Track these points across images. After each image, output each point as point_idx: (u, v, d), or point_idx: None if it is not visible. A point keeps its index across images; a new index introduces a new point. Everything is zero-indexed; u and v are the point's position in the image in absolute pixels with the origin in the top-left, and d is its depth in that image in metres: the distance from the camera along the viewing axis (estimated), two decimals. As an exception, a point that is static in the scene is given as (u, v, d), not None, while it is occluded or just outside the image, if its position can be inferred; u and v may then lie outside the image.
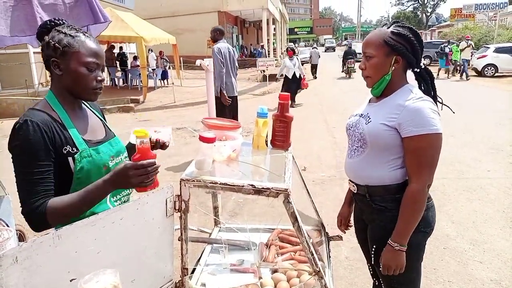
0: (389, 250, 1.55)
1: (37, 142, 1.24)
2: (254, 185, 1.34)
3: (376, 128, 1.56)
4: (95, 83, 1.39)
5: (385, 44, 1.54)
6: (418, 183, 1.50)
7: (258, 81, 17.41)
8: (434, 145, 1.48)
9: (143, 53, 12.83)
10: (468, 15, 32.29)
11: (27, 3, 2.42)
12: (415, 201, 1.51)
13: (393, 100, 1.58)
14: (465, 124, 7.91)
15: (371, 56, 1.57)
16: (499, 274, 2.95)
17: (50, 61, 1.36)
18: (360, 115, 1.69)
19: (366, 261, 1.92)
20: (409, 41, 1.56)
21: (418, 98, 1.52)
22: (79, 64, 1.35)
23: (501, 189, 4.62)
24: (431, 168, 1.51)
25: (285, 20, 43.85)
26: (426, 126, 1.46)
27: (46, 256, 0.99)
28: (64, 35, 1.35)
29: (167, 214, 1.35)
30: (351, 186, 1.76)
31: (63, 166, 1.31)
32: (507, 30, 25.86)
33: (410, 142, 1.49)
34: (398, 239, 1.53)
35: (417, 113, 1.48)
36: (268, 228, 2.20)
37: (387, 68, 1.57)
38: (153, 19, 18.69)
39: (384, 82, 1.60)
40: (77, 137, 1.35)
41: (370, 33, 1.64)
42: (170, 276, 1.44)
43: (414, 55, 1.58)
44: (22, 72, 12.31)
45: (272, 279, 1.68)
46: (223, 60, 5.56)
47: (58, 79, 1.39)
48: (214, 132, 1.60)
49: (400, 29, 1.57)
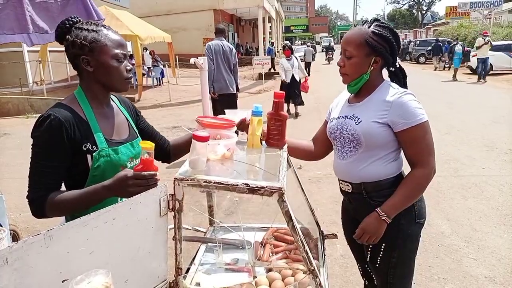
0: (375, 217, 1.58)
1: (53, 138, 1.29)
2: (248, 184, 1.33)
3: (369, 127, 1.58)
4: (126, 73, 1.43)
5: (366, 45, 1.57)
6: (425, 168, 1.56)
7: (254, 79, 17.41)
8: (426, 131, 1.55)
9: (138, 52, 12.77)
10: (463, 13, 32.37)
11: (17, 2, 2.40)
12: (420, 182, 1.57)
13: (377, 98, 1.62)
14: (459, 122, 7.95)
15: (352, 55, 1.59)
16: (493, 271, 2.97)
17: (79, 59, 1.37)
18: (344, 117, 1.71)
19: (356, 260, 1.95)
20: (389, 43, 1.59)
21: (402, 93, 1.58)
22: (109, 57, 1.37)
23: (495, 187, 4.65)
24: (431, 151, 1.57)
25: (281, 18, 43.82)
26: (416, 117, 1.53)
27: (38, 257, 0.97)
28: (88, 31, 1.36)
29: (161, 214, 1.34)
30: (344, 187, 1.77)
31: (81, 162, 1.35)
32: (502, 28, 26.03)
33: (406, 134, 1.55)
34: (388, 211, 1.57)
35: (405, 107, 1.54)
36: (263, 227, 2.19)
37: (366, 68, 1.60)
38: (148, 17, 18.60)
39: (362, 81, 1.62)
40: (98, 136, 1.38)
41: (350, 30, 1.65)
42: (164, 276, 1.43)
43: (392, 56, 1.61)
44: (16, 71, 12.24)
45: (266, 278, 1.68)
46: (212, 57, 5.63)
47: (90, 76, 1.41)
48: (209, 130, 1.59)
49: (381, 30, 1.58)
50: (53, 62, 13.05)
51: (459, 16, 33.34)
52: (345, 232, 1.96)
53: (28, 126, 1.32)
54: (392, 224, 1.61)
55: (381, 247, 1.66)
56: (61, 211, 1.34)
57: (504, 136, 6.85)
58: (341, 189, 1.82)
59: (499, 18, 31.50)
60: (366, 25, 1.61)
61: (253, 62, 15.93)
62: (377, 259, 1.68)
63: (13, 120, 10.37)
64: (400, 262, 1.67)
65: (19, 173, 5.57)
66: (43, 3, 2.49)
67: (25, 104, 11.37)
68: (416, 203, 1.65)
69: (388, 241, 1.64)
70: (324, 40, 49.18)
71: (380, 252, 1.66)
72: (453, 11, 34.97)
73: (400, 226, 1.63)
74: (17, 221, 3.94)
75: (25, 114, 10.79)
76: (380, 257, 1.67)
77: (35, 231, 3.65)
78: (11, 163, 6.08)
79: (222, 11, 25.40)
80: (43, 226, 3.77)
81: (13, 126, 9.36)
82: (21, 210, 4.22)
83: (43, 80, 12.46)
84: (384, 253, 1.66)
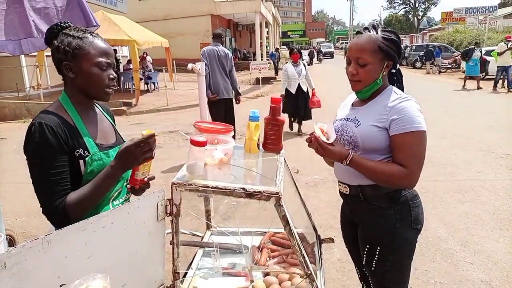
0: (341, 154, 1.54)
1: (53, 143, 1.28)
2: (245, 188, 1.34)
3: (367, 130, 1.59)
4: (108, 81, 1.42)
5: (380, 50, 1.57)
6: (407, 172, 1.52)
7: (251, 84, 17.44)
8: (421, 141, 1.53)
9: (135, 56, 12.80)
10: (459, 19, 32.62)
11: (20, 7, 2.42)
12: (393, 174, 1.52)
13: (379, 102, 1.63)
14: (455, 126, 7.99)
15: (366, 62, 1.57)
16: (489, 275, 2.98)
17: (62, 65, 1.37)
18: (346, 119, 1.72)
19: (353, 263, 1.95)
20: (398, 46, 1.62)
21: (404, 98, 1.58)
22: (91, 64, 1.37)
23: (492, 191, 4.67)
24: (419, 163, 1.54)
25: (278, 24, 44.03)
26: (412, 124, 1.52)
27: (36, 261, 0.98)
28: (73, 38, 1.36)
29: (158, 218, 1.35)
30: (342, 188, 1.78)
31: (73, 168, 1.34)
32: (497, 33, 26.24)
33: (397, 139, 1.54)
34: (351, 161, 1.54)
35: (404, 112, 1.53)
36: (260, 231, 2.20)
37: (379, 73, 1.60)
38: (146, 22, 18.65)
39: (376, 86, 1.63)
40: (89, 141, 1.38)
41: (358, 38, 1.62)
42: (161, 280, 1.44)
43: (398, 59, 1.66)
44: (13, 76, 12.20)
45: (264, 282, 1.69)
46: (207, 61, 5.68)
47: (72, 82, 1.40)
48: (206, 135, 1.60)
49: (389, 35, 1.61)
50: (50, 67, 13.03)
51: (455, 21, 33.60)
52: (344, 235, 1.96)
53: (24, 130, 1.30)
54: (388, 228, 1.63)
55: (376, 250, 1.66)
56: (83, 209, 1.30)
57: (500, 141, 6.89)
58: (340, 191, 1.83)
59: (494, 24, 31.77)
60: (372, 31, 1.61)
61: (250, 67, 15.95)
62: (373, 262, 1.68)
63: (10, 125, 10.33)
64: (395, 266, 1.67)
65: (16, 178, 5.55)
66: (44, 8, 2.51)
67: (22, 109, 11.34)
68: (413, 208, 1.64)
69: (383, 245, 1.65)
70: (324, 46, 49.14)
71: (375, 255, 1.67)
72: (448, 17, 35.25)
73: (396, 231, 1.63)
74: (13, 226, 3.92)
75: (22, 118, 10.75)
76: (376, 260, 1.67)
77: (31, 236, 3.64)
78: (8, 168, 6.06)
79: (219, 16, 25.49)
80: (39, 231, 3.76)
81: (10, 130, 9.33)
82: (17, 215, 4.20)
83: (40, 85, 12.44)
84: (379, 256, 1.66)
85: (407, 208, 1.64)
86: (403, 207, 1.64)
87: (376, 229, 1.67)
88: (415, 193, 1.69)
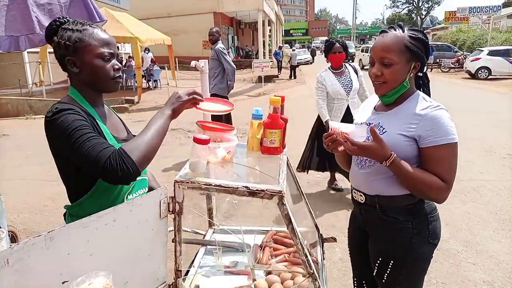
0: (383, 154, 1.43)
1: (78, 118, 1.26)
2: (248, 187, 1.34)
3: (393, 139, 1.47)
4: (113, 72, 1.40)
5: (407, 50, 1.45)
6: (445, 184, 1.44)
7: (253, 82, 17.43)
8: (455, 154, 1.45)
9: (138, 54, 12.80)
10: (462, 18, 32.52)
11: (22, 3, 2.41)
12: (431, 187, 1.43)
13: (407, 109, 1.51)
14: (458, 126, 7.92)
15: (392, 62, 1.45)
16: (491, 276, 2.97)
17: (65, 60, 1.35)
18: (368, 124, 1.57)
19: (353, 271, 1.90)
20: (426, 46, 1.49)
21: (436, 107, 1.47)
22: (94, 56, 1.34)
23: (494, 191, 4.66)
24: (452, 174, 1.46)
25: (281, 22, 43.91)
26: (447, 136, 1.43)
27: (38, 258, 0.98)
28: (72, 32, 1.34)
29: (161, 216, 1.34)
30: (357, 196, 1.67)
31: None
32: (501, 33, 26.15)
33: (433, 152, 1.44)
34: (392, 162, 1.42)
35: (437, 122, 1.44)
36: (263, 230, 2.20)
37: (405, 75, 1.48)
38: (148, 19, 18.63)
39: (402, 89, 1.50)
40: (107, 132, 1.36)
41: (383, 38, 1.50)
42: (163, 278, 1.43)
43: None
44: (16, 72, 12.24)
45: (266, 281, 1.68)
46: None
47: (77, 77, 1.38)
48: (209, 133, 1.60)
49: (417, 33, 1.48)
50: (53, 64, 13.05)
51: (458, 21, 33.48)
52: (350, 241, 1.88)
53: (27, 127, 1.29)
54: (403, 242, 1.55)
55: (389, 264, 1.59)
56: (145, 153, 1.22)
57: (503, 141, 6.87)
58: (353, 199, 1.72)
59: (498, 23, 31.68)
60: (398, 30, 1.48)
61: (253, 65, 15.92)
62: (384, 275, 1.61)
63: (12, 121, 10.36)
64: (408, 280, 1.60)
65: (18, 174, 5.57)
66: (47, 4, 2.50)
67: (24, 105, 11.37)
68: (432, 222, 1.56)
69: (397, 258, 1.58)
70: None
71: (387, 269, 1.60)
72: (452, 16, 35.13)
73: (411, 246, 1.55)
74: (15, 222, 3.93)
75: (24, 115, 10.78)
76: (388, 273, 1.60)
77: (33, 233, 3.64)
78: (10, 164, 6.07)
79: (222, 14, 25.47)
80: (41, 228, 3.77)
81: (12, 127, 9.35)
82: (19, 212, 4.21)
83: (43, 82, 12.46)
84: (392, 269, 1.59)
85: (425, 222, 1.56)
86: (421, 221, 1.55)
87: (390, 242, 1.59)
88: (434, 206, 1.60)
